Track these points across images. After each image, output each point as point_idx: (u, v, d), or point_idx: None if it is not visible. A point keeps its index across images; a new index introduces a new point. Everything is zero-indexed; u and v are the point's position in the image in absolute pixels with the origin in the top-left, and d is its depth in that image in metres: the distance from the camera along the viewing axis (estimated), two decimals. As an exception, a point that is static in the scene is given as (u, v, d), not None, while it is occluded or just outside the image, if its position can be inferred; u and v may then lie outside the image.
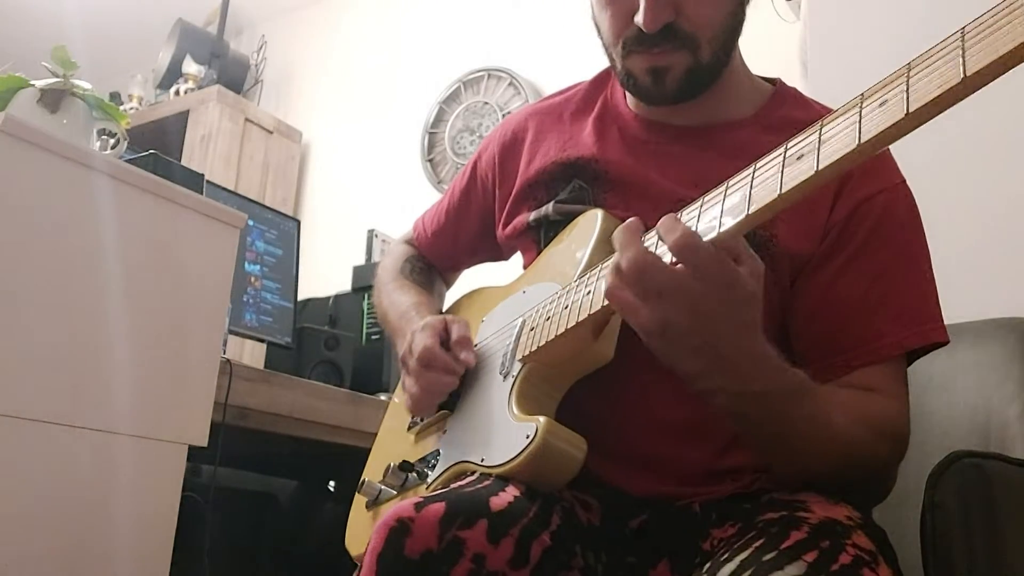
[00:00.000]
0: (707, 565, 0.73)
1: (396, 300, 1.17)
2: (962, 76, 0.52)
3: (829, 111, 0.96)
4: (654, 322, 0.71)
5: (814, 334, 0.88)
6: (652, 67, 0.91)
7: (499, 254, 1.17)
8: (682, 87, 0.92)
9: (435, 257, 1.25)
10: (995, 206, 1.41)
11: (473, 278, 1.28)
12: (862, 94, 0.60)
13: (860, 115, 0.59)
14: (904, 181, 0.92)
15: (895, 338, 0.86)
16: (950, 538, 0.77)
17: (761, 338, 0.73)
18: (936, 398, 1.11)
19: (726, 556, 0.71)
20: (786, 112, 0.97)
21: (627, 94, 1.03)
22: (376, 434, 1.19)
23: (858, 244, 0.87)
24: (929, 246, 0.91)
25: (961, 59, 0.52)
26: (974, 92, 0.52)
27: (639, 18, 0.87)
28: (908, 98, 0.55)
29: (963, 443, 1.03)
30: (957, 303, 0.89)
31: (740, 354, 0.73)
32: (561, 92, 1.12)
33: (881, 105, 0.57)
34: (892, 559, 0.75)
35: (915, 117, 0.55)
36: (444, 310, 1.18)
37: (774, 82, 1.03)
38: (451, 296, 1.26)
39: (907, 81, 0.56)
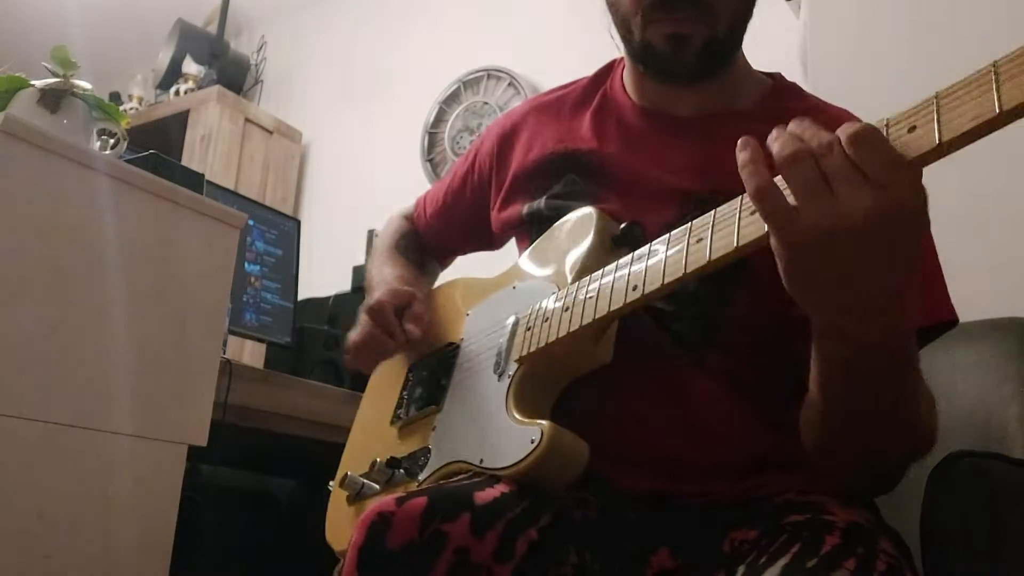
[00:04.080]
0: (741, 570, 0.72)
1: (383, 271, 1.18)
2: (998, 110, 0.52)
3: (828, 104, 0.96)
4: (813, 228, 0.58)
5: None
6: (673, 34, 0.91)
7: (492, 243, 1.17)
8: (700, 59, 0.92)
9: (430, 238, 1.25)
10: (995, 206, 1.41)
11: (470, 267, 1.28)
12: (887, 121, 0.59)
13: (887, 138, 0.58)
14: None
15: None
16: (950, 538, 0.77)
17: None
18: (936, 398, 1.11)
19: (763, 561, 0.71)
20: (787, 105, 0.96)
21: (626, 85, 1.03)
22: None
23: None
24: (929, 246, 0.90)
25: (995, 92, 0.52)
26: (1006, 126, 0.52)
27: None
28: (939, 129, 0.55)
29: (963, 443, 1.02)
30: (957, 303, 0.88)
31: (899, 297, 0.62)
32: (563, 87, 1.12)
33: (910, 131, 0.57)
34: (912, 563, 0.76)
35: (946, 146, 0.55)
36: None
37: (774, 76, 1.03)
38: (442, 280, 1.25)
39: (936, 111, 0.56)
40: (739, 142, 0.64)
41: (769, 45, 1.01)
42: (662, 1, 0.89)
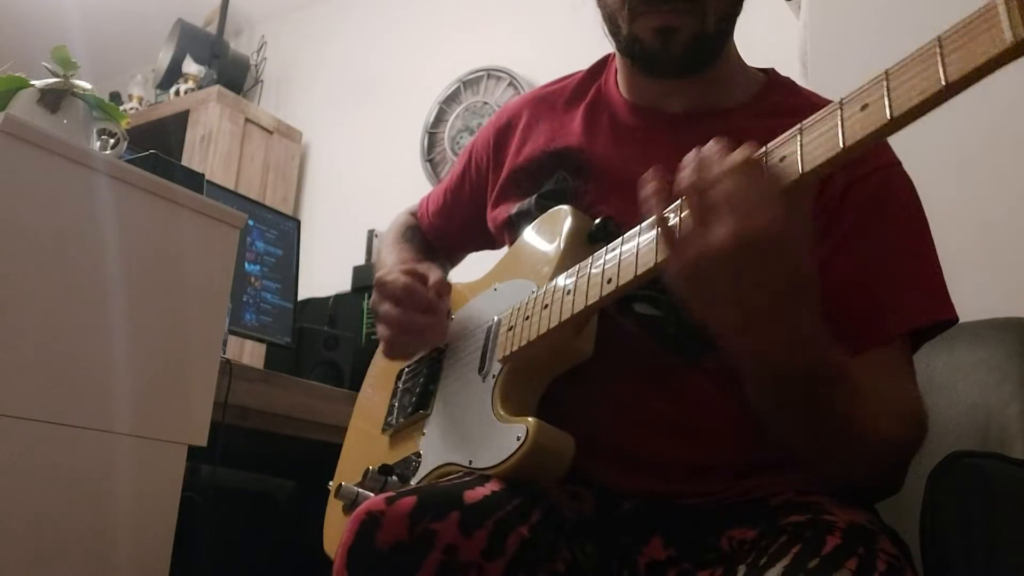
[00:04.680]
0: (742, 570, 0.72)
1: (390, 259, 1.18)
2: (943, 83, 0.53)
3: (822, 100, 0.96)
4: (685, 261, 0.65)
5: None
6: (661, 27, 0.89)
7: (494, 241, 1.15)
8: (688, 53, 0.90)
9: (434, 238, 1.25)
10: (995, 206, 1.41)
11: (470, 269, 1.27)
12: (840, 101, 0.61)
13: (841, 119, 0.60)
14: (900, 164, 0.90)
15: (902, 316, 0.83)
16: (950, 538, 0.77)
17: (817, 307, 0.68)
18: (936, 398, 1.11)
19: (764, 562, 0.70)
20: (779, 99, 0.96)
21: (619, 81, 1.02)
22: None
23: (853, 223, 0.85)
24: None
25: (941, 66, 0.53)
26: (952, 97, 0.54)
27: None
28: (890, 104, 0.56)
29: (963, 443, 1.02)
30: (957, 303, 0.88)
31: (792, 315, 0.66)
32: (558, 81, 1.11)
33: (863, 109, 0.59)
34: (912, 563, 0.76)
35: (897, 122, 0.56)
36: None
37: (767, 72, 1.02)
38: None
39: (887, 87, 0.57)
40: (642, 178, 0.71)
41: (769, 45, 1.00)
42: None
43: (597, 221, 0.89)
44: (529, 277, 0.92)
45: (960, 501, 0.77)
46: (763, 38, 0.98)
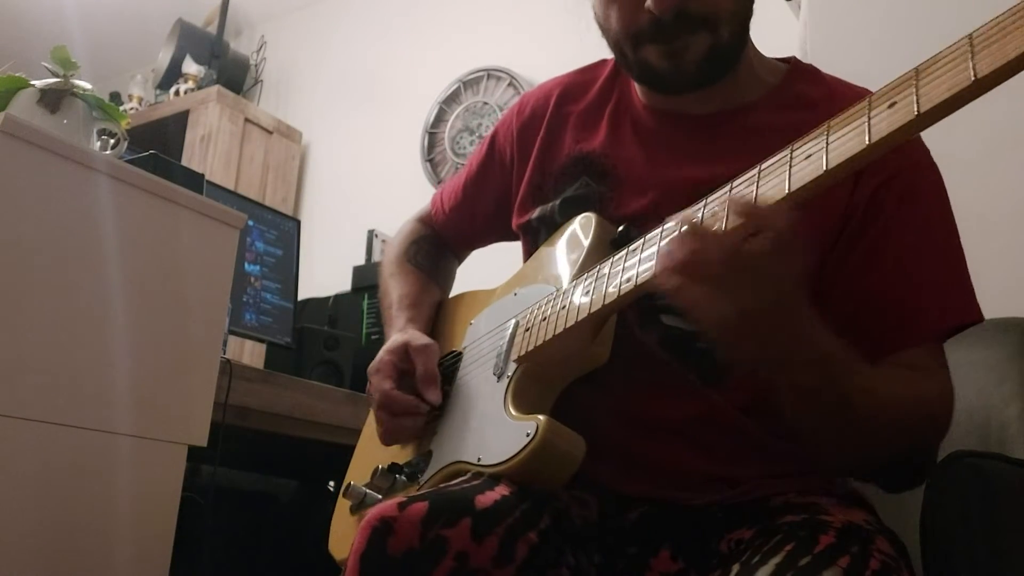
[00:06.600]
0: (735, 568, 0.72)
1: (390, 288, 1.16)
2: (972, 78, 0.53)
3: (847, 85, 0.95)
4: (729, 313, 0.67)
5: (846, 318, 0.80)
6: (669, 49, 0.86)
7: (512, 236, 1.12)
8: (702, 69, 0.87)
9: (451, 233, 1.21)
10: (996, 206, 1.41)
11: (476, 271, 1.27)
12: (869, 97, 0.60)
13: (869, 116, 0.59)
14: (928, 160, 0.89)
15: (933, 318, 0.84)
16: (950, 538, 0.77)
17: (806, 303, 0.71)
18: (936, 398, 1.10)
19: (757, 559, 0.71)
20: (801, 89, 0.94)
21: (637, 87, 1.00)
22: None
23: (884, 224, 0.84)
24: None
25: (971, 62, 0.53)
26: (982, 95, 0.54)
27: (650, 2, 0.83)
28: (918, 100, 0.56)
29: (963, 443, 1.02)
30: (957, 303, 0.88)
31: (795, 321, 0.70)
32: (587, 70, 1.08)
33: (890, 107, 0.58)
34: (909, 564, 0.76)
35: (926, 118, 0.56)
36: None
37: (789, 61, 0.99)
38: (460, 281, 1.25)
39: (916, 84, 0.57)
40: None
41: (769, 45, 1.00)
42: (655, 26, 0.85)
43: (620, 229, 0.89)
44: (549, 282, 0.92)
45: (960, 501, 0.77)
46: (763, 38, 0.97)
